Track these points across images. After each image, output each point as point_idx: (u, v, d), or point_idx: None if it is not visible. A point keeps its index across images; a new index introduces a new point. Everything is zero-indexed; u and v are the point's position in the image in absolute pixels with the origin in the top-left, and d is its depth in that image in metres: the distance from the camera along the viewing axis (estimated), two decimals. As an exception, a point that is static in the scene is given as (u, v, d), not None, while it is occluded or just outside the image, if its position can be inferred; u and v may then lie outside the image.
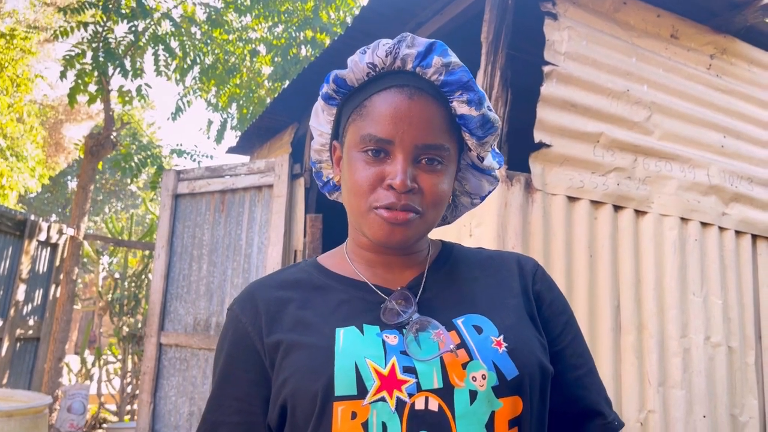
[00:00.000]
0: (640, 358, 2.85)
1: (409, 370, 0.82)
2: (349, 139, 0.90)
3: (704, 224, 3.16)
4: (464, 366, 0.83)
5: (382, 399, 0.80)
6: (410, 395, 0.80)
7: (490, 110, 0.91)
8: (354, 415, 0.79)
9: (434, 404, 0.80)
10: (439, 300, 0.92)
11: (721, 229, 3.22)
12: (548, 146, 2.82)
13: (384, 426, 0.79)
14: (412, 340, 0.84)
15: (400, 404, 0.80)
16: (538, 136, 2.81)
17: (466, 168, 0.99)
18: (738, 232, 3.29)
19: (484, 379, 0.82)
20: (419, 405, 0.80)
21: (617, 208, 2.97)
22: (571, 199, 2.87)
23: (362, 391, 0.80)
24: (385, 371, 0.82)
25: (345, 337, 0.85)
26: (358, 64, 0.90)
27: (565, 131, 2.87)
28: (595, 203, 2.92)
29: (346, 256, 0.99)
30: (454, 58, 0.88)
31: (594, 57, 3.00)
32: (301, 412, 0.83)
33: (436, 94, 0.88)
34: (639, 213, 3.02)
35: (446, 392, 0.81)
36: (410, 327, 0.86)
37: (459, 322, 0.88)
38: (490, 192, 1.03)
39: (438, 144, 0.86)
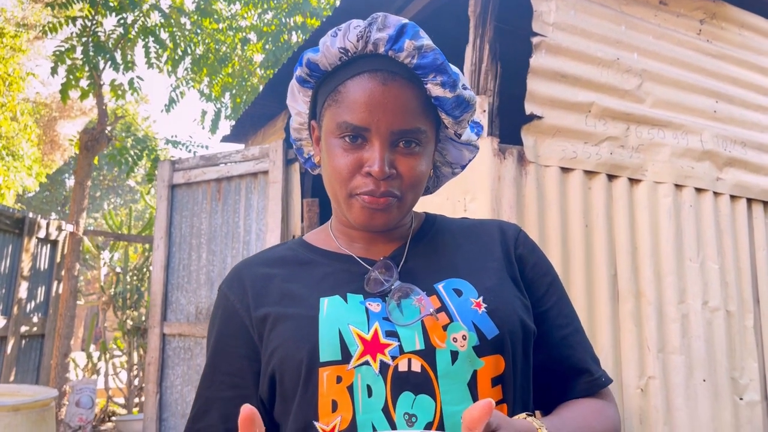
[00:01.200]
0: (638, 325, 2.86)
1: (392, 334, 0.84)
2: (326, 125, 0.91)
3: (699, 190, 3.16)
4: (445, 328, 0.84)
5: (366, 363, 0.82)
6: (393, 358, 0.82)
7: (465, 89, 0.91)
8: (339, 380, 0.82)
9: (417, 365, 0.82)
10: (420, 268, 0.94)
11: (715, 194, 3.22)
12: (540, 118, 2.81)
13: (369, 388, 0.81)
14: (395, 307, 0.86)
15: (383, 367, 0.82)
16: (529, 108, 2.80)
17: (445, 139, 0.99)
18: (733, 197, 3.29)
19: (464, 339, 0.84)
20: (402, 367, 0.82)
21: (611, 177, 2.97)
22: (565, 170, 2.87)
23: (346, 356, 0.82)
24: (368, 336, 0.83)
25: (329, 305, 0.87)
26: (329, 49, 0.89)
27: (556, 102, 2.86)
28: (589, 173, 2.92)
29: (330, 233, 1.01)
30: (426, 40, 0.87)
31: (582, 26, 2.98)
32: (288, 379, 0.85)
33: (410, 76, 0.87)
34: (633, 181, 3.02)
35: (428, 353, 0.83)
36: (392, 294, 0.87)
37: (440, 286, 0.90)
38: (470, 160, 1.03)
39: (414, 128, 0.87)
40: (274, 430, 0.91)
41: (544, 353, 0.94)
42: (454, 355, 0.83)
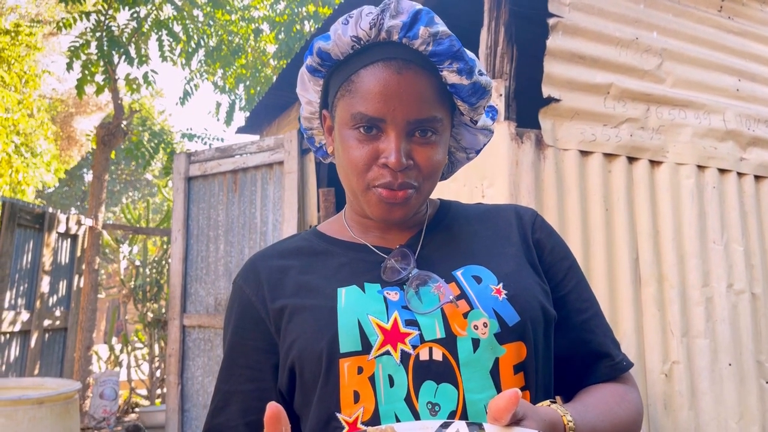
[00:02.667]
0: (661, 309, 2.82)
1: (412, 323, 0.83)
2: (340, 116, 0.88)
3: (722, 171, 3.10)
4: (465, 315, 0.83)
5: (387, 353, 0.81)
6: (414, 347, 0.81)
7: (481, 74, 0.88)
8: (360, 370, 0.81)
9: (438, 354, 0.81)
10: (437, 254, 0.92)
11: (739, 174, 3.15)
12: (557, 101, 2.76)
13: (390, 378, 0.80)
14: (413, 295, 0.85)
15: (404, 356, 0.81)
16: (546, 90, 2.75)
17: (459, 124, 0.97)
18: (757, 177, 3.22)
19: (485, 327, 0.82)
20: (424, 356, 0.81)
21: (631, 159, 2.92)
22: (584, 153, 2.82)
23: (366, 347, 0.81)
24: (388, 326, 0.82)
25: (347, 295, 0.86)
26: (341, 37, 0.86)
27: (573, 84, 2.81)
28: (609, 156, 2.87)
29: (344, 223, 0.99)
30: (441, 26, 0.84)
31: (600, 6, 2.92)
32: (309, 371, 0.84)
33: (425, 64, 0.85)
34: (654, 163, 2.96)
35: (449, 341, 0.81)
36: (410, 282, 0.86)
37: (458, 273, 0.88)
38: (485, 145, 1.01)
39: (430, 117, 0.85)
40: (294, 422, 0.89)
41: (565, 338, 0.93)
42: (476, 342, 0.82)
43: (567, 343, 0.93)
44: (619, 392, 0.90)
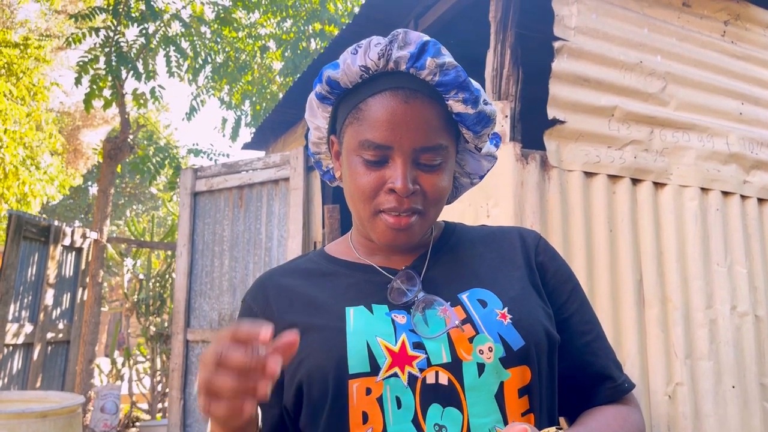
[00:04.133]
0: (665, 330, 2.83)
1: (419, 346, 0.84)
2: (348, 142, 0.91)
3: (725, 193, 3.12)
4: (471, 340, 0.85)
5: (395, 375, 0.82)
6: (421, 370, 0.83)
7: (486, 104, 0.91)
8: (369, 391, 0.82)
9: (444, 378, 0.83)
10: (443, 277, 0.94)
11: (743, 197, 3.18)
12: (562, 122, 2.80)
13: (398, 400, 0.82)
14: (420, 318, 0.87)
15: (412, 379, 0.82)
16: (551, 112, 2.79)
17: (464, 150, 0.99)
18: (760, 200, 3.24)
19: (491, 351, 0.84)
20: (430, 379, 0.82)
21: (635, 181, 2.94)
22: (588, 174, 2.85)
23: (375, 368, 0.83)
24: (396, 348, 0.84)
25: (355, 316, 0.88)
26: (350, 67, 0.89)
27: (578, 106, 2.84)
28: (613, 177, 2.89)
29: (351, 244, 1.02)
30: (447, 57, 0.87)
31: (605, 30, 2.96)
32: (317, 391, 0.85)
33: (431, 93, 0.87)
34: (658, 185, 2.99)
35: (455, 366, 0.83)
36: (416, 306, 0.88)
37: (464, 296, 0.90)
38: (489, 170, 1.04)
39: (436, 145, 0.87)
40: None
41: (567, 360, 0.94)
42: (481, 367, 0.83)
43: (570, 365, 0.94)
44: (622, 414, 0.91)
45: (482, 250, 0.99)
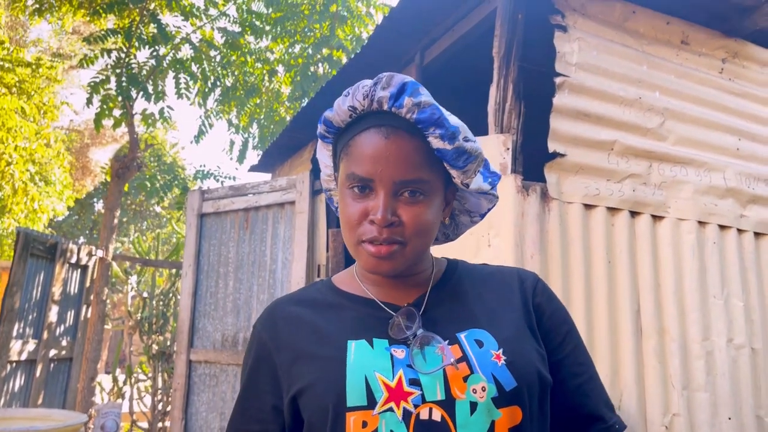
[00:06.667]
0: (662, 362, 2.87)
1: (415, 383, 0.89)
2: (340, 177, 0.99)
3: (722, 227, 3.18)
4: (465, 379, 0.89)
5: (390, 409, 0.87)
6: (416, 406, 0.87)
7: (466, 141, 0.96)
8: (365, 424, 0.87)
9: (437, 415, 0.87)
10: (442, 316, 0.99)
11: (739, 231, 3.24)
12: (563, 156, 2.87)
13: None
14: (418, 354, 0.92)
15: (406, 414, 0.87)
16: (552, 146, 2.86)
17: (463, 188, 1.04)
18: (757, 234, 3.30)
19: (483, 391, 0.88)
20: (424, 415, 0.87)
21: (634, 214, 3.01)
22: (588, 206, 2.91)
23: (372, 402, 0.87)
24: (393, 384, 0.89)
25: (356, 350, 0.93)
26: (341, 107, 0.97)
27: (578, 140, 2.92)
28: (612, 210, 2.96)
29: (356, 277, 1.07)
30: (424, 97, 0.93)
31: (605, 66, 3.05)
32: (316, 420, 0.91)
33: (412, 130, 0.93)
34: (656, 218, 3.05)
35: (448, 404, 0.88)
36: (415, 342, 0.93)
37: (462, 336, 0.95)
38: (489, 210, 1.09)
39: (416, 178, 0.93)
40: None
41: (560, 400, 0.99)
42: (473, 405, 0.88)
43: (562, 406, 0.99)
44: None
45: (482, 290, 1.04)
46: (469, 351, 0.92)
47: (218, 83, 8.36)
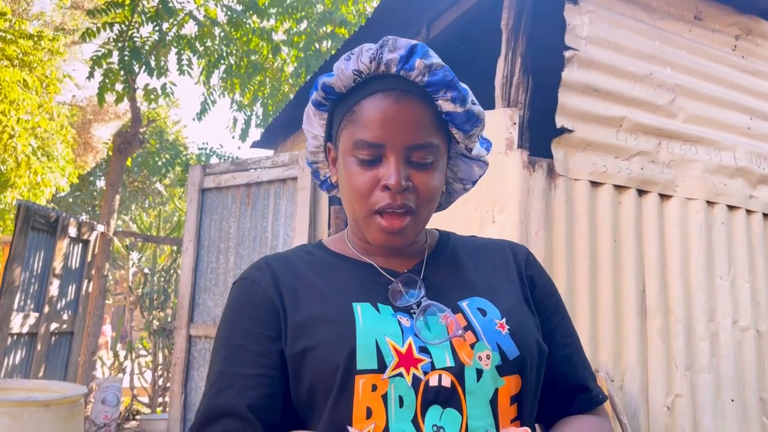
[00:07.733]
0: (666, 342, 2.84)
1: (424, 350, 0.87)
2: (343, 144, 0.94)
3: (731, 207, 3.13)
4: (472, 346, 0.88)
5: (400, 375, 0.85)
6: (425, 373, 0.85)
7: (474, 104, 0.94)
8: (374, 388, 0.84)
9: (447, 381, 0.85)
10: (442, 284, 0.97)
11: (748, 212, 3.18)
12: (570, 131, 2.81)
13: (401, 399, 0.84)
14: (423, 325, 0.89)
15: (415, 380, 0.85)
16: (560, 121, 2.80)
17: (456, 156, 1.02)
18: (765, 215, 3.25)
19: (488, 359, 0.87)
20: (433, 381, 0.85)
21: (641, 192, 2.95)
22: (594, 184, 2.86)
23: (382, 366, 0.85)
24: (403, 350, 0.87)
25: (363, 313, 0.90)
26: (344, 72, 0.92)
27: (587, 116, 2.86)
28: (619, 188, 2.91)
29: (348, 243, 1.03)
30: (435, 59, 0.90)
31: (616, 40, 2.98)
32: (322, 382, 0.86)
33: (421, 94, 0.90)
34: (664, 197, 3.00)
35: (458, 370, 0.86)
36: (419, 311, 0.90)
37: (464, 304, 0.93)
38: (480, 176, 1.07)
39: (427, 143, 0.90)
40: (287, 410, 0.90)
41: (548, 370, 0.98)
42: (479, 372, 0.87)
43: (550, 376, 0.98)
44: (596, 424, 0.97)
45: (477, 261, 1.03)
46: (473, 319, 0.91)
47: (222, 61, 8.27)
